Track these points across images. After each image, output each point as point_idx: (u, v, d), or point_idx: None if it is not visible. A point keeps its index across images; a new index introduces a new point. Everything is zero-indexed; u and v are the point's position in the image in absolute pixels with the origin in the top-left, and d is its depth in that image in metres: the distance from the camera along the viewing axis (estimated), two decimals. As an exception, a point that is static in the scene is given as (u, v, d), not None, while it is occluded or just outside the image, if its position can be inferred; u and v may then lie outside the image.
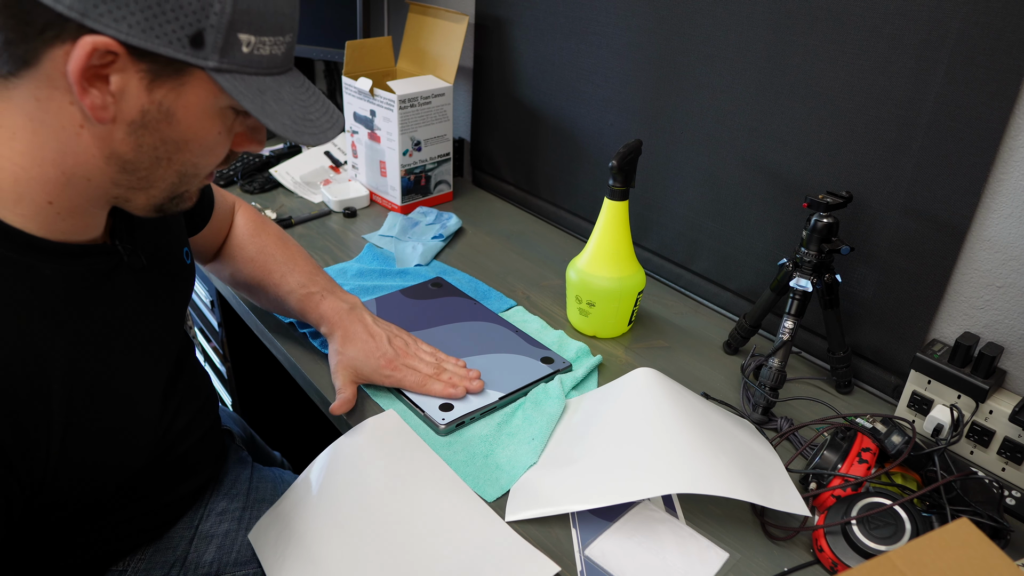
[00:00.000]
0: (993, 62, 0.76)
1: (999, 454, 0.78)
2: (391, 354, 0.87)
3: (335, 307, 0.90)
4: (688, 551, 0.70)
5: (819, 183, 0.95)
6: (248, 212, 1.00)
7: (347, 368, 0.85)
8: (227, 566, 0.82)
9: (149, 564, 0.78)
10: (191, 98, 0.56)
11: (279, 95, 0.59)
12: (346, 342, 0.87)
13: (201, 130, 0.59)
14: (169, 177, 0.61)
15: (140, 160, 0.58)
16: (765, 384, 0.88)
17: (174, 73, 0.54)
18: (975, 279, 0.84)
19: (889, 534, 0.67)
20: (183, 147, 0.59)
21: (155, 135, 0.57)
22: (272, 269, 0.94)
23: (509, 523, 0.72)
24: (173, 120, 0.57)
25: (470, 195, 1.49)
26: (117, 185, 0.60)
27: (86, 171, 0.58)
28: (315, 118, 0.62)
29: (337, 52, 1.55)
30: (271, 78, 0.59)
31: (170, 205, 0.64)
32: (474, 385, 0.87)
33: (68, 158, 0.56)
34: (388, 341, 0.88)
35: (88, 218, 0.62)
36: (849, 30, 0.87)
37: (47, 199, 0.58)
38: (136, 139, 0.56)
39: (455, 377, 0.87)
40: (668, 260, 1.21)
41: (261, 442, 1.12)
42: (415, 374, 0.86)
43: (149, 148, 0.58)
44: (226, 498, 0.87)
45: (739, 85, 1.00)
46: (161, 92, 0.55)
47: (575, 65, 1.24)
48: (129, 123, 0.55)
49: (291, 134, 0.59)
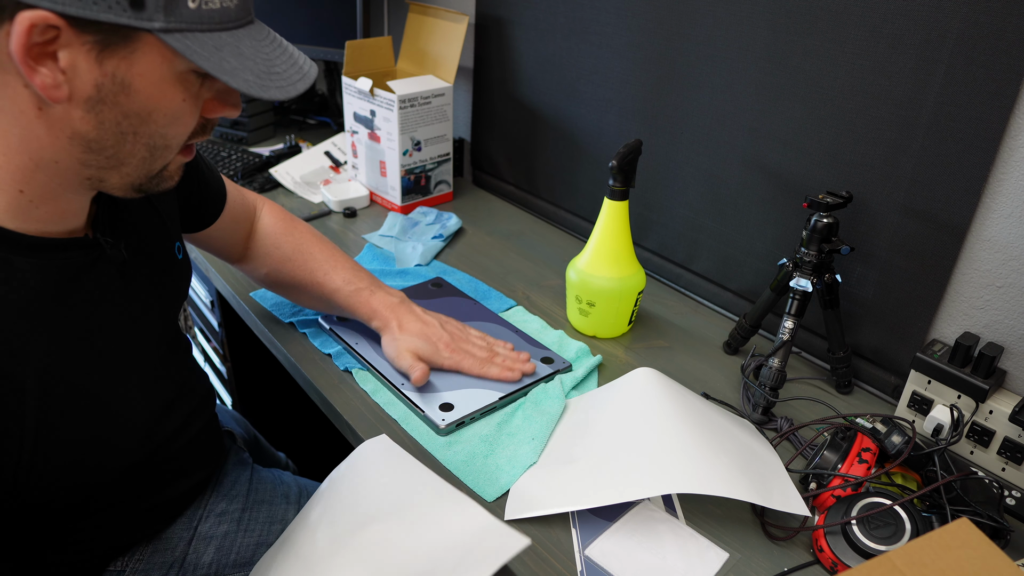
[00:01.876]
0: (993, 62, 0.76)
1: (999, 454, 0.78)
2: (447, 338, 0.90)
3: (386, 301, 0.92)
4: (688, 551, 0.70)
5: (819, 183, 0.95)
6: (276, 210, 1.00)
7: (409, 350, 0.88)
8: (226, 567, 0.82)
9: (147, 565, 0.78)
10: (145, 65, 0.54)
11: (238, 50, 0.57)
12: (403, 330, 0.90)
13: (162, 98, 0.56)
14: (139, 152, 0.59)
15: (104, 137, 0.56)
16: (765, 384, 0.89)
17: (122, 41, 0.52)
18: (975, 279, 0.84)
19: (889, 534, 0.67)
20: (147, 118, 0.57)
21: (115, 109, 0.55)
22: (314, 268, 0.94)
23: (508, 521, 0.72)
24: (130, 91, 0.54)
25: (470, 195, 1.49)
26: (86, 166, 0.58)
27: (52, 154, 0.56)
28: (281, 70, 0.59)
29: (337, 52, 1.55)
30: (227, 33, 0.56)
31: (150, 184, 0.62)
32: (528, 367, 0.90)
33: (32, 143, 0.55)
34: (441, 326, 0.92)
35: (64, 204, 0.61)
36: (849, 30, 0.87)
37: (18, 188, 0.57)
38: (96, 116, 0.55)
39: (508, 360, 0.91)
40: (668, 260, 1.21)
41: (265, 443, 1.12)
42: (472, 358, 0.90)
43: (111, 124, 0.56)
44: (225, 499, 0.86)
45: (739, 85, 1.00)
46: (112, 63, 0.53)
47: (575, 65, 1.24)
48: (86, 100, 0.54)
49: (256, 90, 0.57)
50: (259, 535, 0.85)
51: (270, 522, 0.86)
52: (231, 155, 1.53)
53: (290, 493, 0.91)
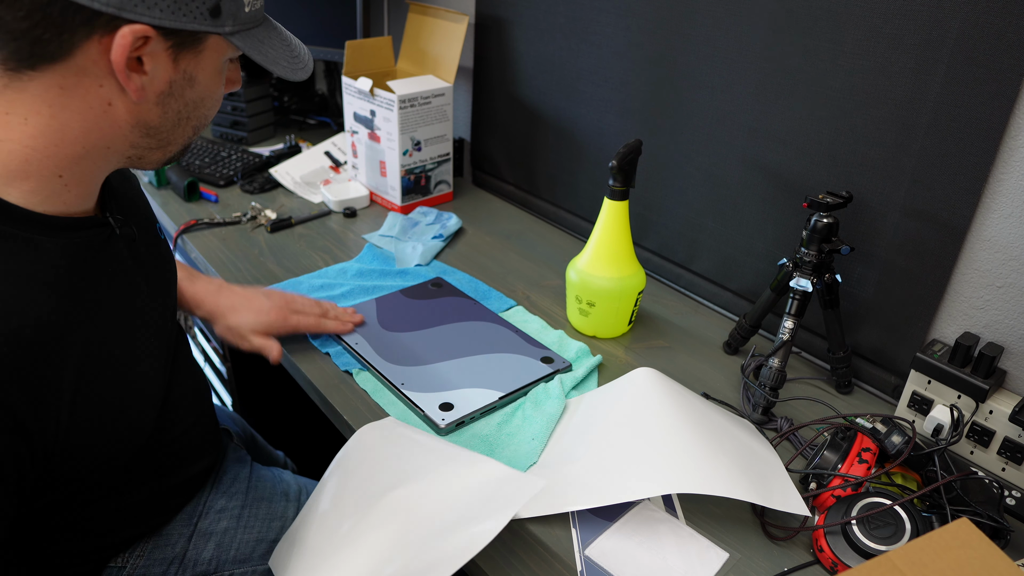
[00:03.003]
0: (993, 62, 0.76)
1: (999, 454, 0.78)
2: (277, 304, 0.94)
3: (205, 288, 0.94)
4: (688, 551, 0.70)
5: (819, 183, 0.95)
6: None
7: (250, 330, 0.91)
8: (226, 564, 0.82)
9: (148, 561, 0.78)
10: (207, 60, 0.62)
11: (271, 42, 0.66)
12: (233, 313, 0.92)
13: (213, 86, 0.64)
14: (187, 133, 0.66)
15: (164, 124, 0.63)
16: (765, 384, 0.88)
17: (194, 42, 0.59)
18: (975, 279, 0.84)
19: (889, 534, 0.67)
20: (200, 104, 0.64)
21: (179, 100, 0.62)
22: None
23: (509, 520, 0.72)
24: (195, 83, 0.62)
25: (470, 195, 1.49)
26: (135, 147, 0.63)
27: (108, 142, 0.61)
28: (299, 55, 0.69)
29: (337, 52, 1.55)
30: (260, 29, 0.65)
31: (177, 157, 0.69)
32: (357, 317, 0.98)
33: (92, 134, 0.60)
34: (266, 296, 0.94)
35: (92, 186, 0.65)
36: (849, 30, 0.87)
37: (58, 173, 0.60)
38: (162, 107, 0.61)
39: (342, 314, 0.97)
40: (668, 260, 1.21)
41: (262, 441, 1.12)
42: (308, 318, 0.94)
43: (174, 112, 0.62)
44: (224, 496, 0.87)
45: (739, 85, 1.00)
46: (185, 62, 0.60)
47: (575, 65, 1.24)
48: (158, 94, 0.60)
49: (289, 73, 0.66)
50: (258, 532, 0.85)
51: (269, 519, 0.87)
52: (231, 155, 1.53)
53: (289, 491, 0.91)
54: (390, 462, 0.76)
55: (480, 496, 0.68)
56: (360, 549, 0.67)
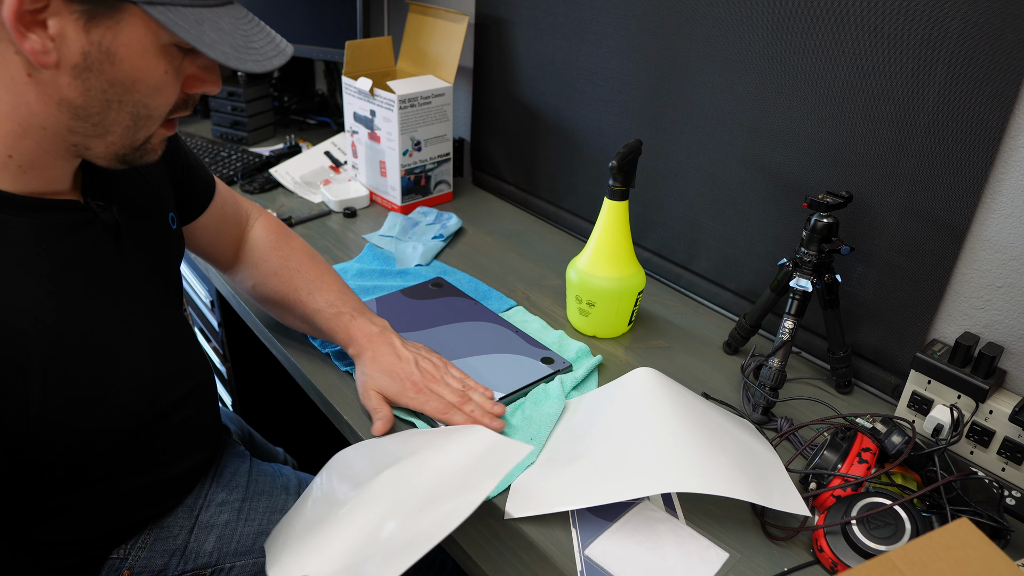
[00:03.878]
0: (993, 62, 0.76)
1: (999, 454, 0.78)
2: (417, 377, 0.84)
3: (365, 330, 0.87)
4: (688, 551, 0.70)
5: (819, 183, 0.95)
6: (270, 222, 0.99)
7: (376, 389, 0.84)
8: (227, 556, 0.83)
9: (150, 553, 0.79)
10: (130, 36, 0.57)
11: (218, 24, 0.60)
12: (374, 364, 0.85)
13: (146, 69, 0.60)
14: (123, 120, 0.62)
15: (90, 104, 0.59)
16: (765, 384, 0.88)
17: (108, 11, 0.55)
18: (975, 279, 0.84)
19: (889, 534, 0.67)
20: (131, 88, 0.60)
21: (100, 77, 0.58)
22: (299, 285, 0.92)
23: (508, 520, 0.72)
24: (116, 60, 0.58)
25: (470, 195, 1.49)
26: (73, 132, 0.61)
27: (40, 120, 0.59)
28: (259, 46, 0.63)
29: (337, 52, 1.55)
30: (208, 9, 0.60)
31: (134, 155, 0.65)
32: (495, 424, 0.81)
33: (21, 108, 0.58)
34: (415, 364, 0.85)
35: (51, 171, 0.64)
36: (849, 30, 0.87)
37: (6, 152, 0.60)
38: (83, 83, 0.58)
39: (478, 411, 0.82)
40: (668, 260, 1.21)
41: (261, 439, 1.12)
42: (439, 400, 0.82)
43: (97, 91, 0.59)
44: (225, 489, 0.87)
45: (739, 85, 1.00)
46: (99, 32, 0.56)
47: (575, 65, 1.24)
48: (73, 67, 0.57)
49: (233, 62, 0.60)
50: (259, 525, 0.86)
51: (270, 512, 0.87)
52: (231, 155, 1.53)
53: (289, 485, 0.92)
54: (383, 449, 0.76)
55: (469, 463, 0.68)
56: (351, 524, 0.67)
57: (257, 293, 0.97)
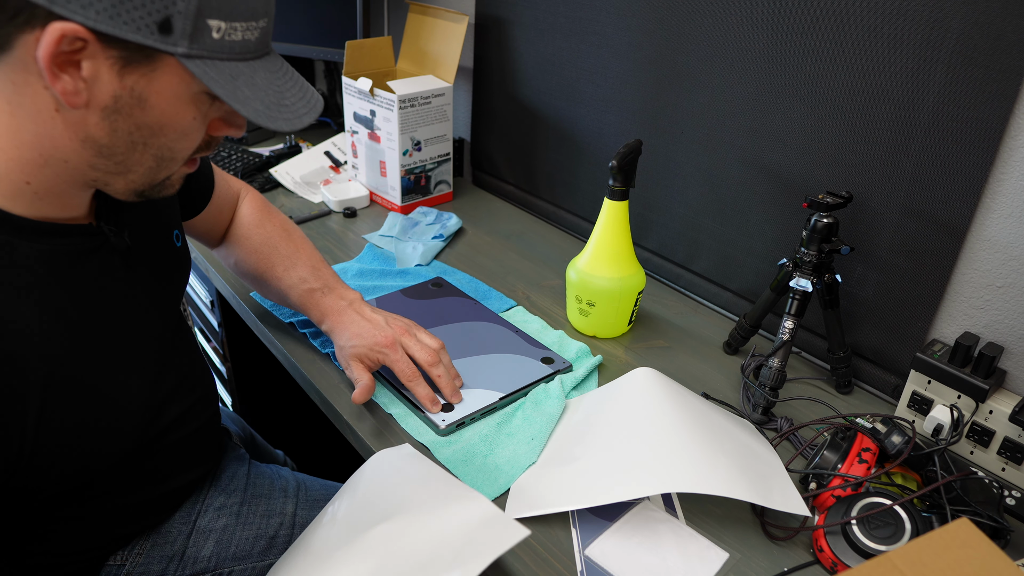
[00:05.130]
0: (993, 62, 0.76)
1: (999, 454, 0.78)
2: (389, 333, 0.85)
3: (334, 304, 0.90)
4: (688, 551, 0.70)
5: (819, 183, 0.95)
6: (255, 200, 1.00)
7: (353, 356, 0.85)
8: (225, 561, 0.82)
9: (147, 559, 0.79)
10: (163, 84, 0.56)
11: (252, 80, 0.59)
12: (345, 333, 0.87)
13: (175, 115, 0.59)
14: (146, 162, 0.61)
15: (116, 144, 0.58)
16: (765, 384, 0.88)
17: (145, 59, 0.54)
18: (975, 279, 0.84)
19: (889, 534, 0.67)
20: (158, 132, 0.59)
21: (129, 120, 0.57)
22: (275, 262, 0.94)
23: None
24: (146, 105, 0.57)
25: (470, 195, 1.49)
26: (95, 169, 0.60)
27: (63, 154, 0.58)
28: (290, 103, 0.62)
29: (337, 52, 1.55)
30: (244, 63, 0.59)
31: (151, 191, 0.65)
32: (455, 398, 0.85)
33: (45, 141, 0.57)
34: (386, 323, 0.87)
35: (68, 199, 0.63)
36: (849, 30, 0.87)
37: (25, 179, 0.59)
38: (110, 124, 0.57)
39: (444, 377, 0.85)
40: (668, 260, 1.21)
41: (262, 441, 1.12)
42: (406, 363, 0.84)
43: (124, 133, 0.58)
44: (223, 494, 0.87)
45: (739, 85, 1.00)
46: (133, 78, 0.55)
47: (575, 65, 1.24)
48: (102, 108, 0.56)
49: (264, 120, 0.59)
50: (258, 528, 0.85)
51: (268, 515, 0.87)
52: (231, 155, 1.53)
53: (288, 487, 0.91)
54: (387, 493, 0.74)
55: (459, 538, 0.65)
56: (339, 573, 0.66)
57: (239, 269, 0.98)
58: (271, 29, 0.62)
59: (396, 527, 0.68)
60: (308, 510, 0.90)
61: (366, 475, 0.78)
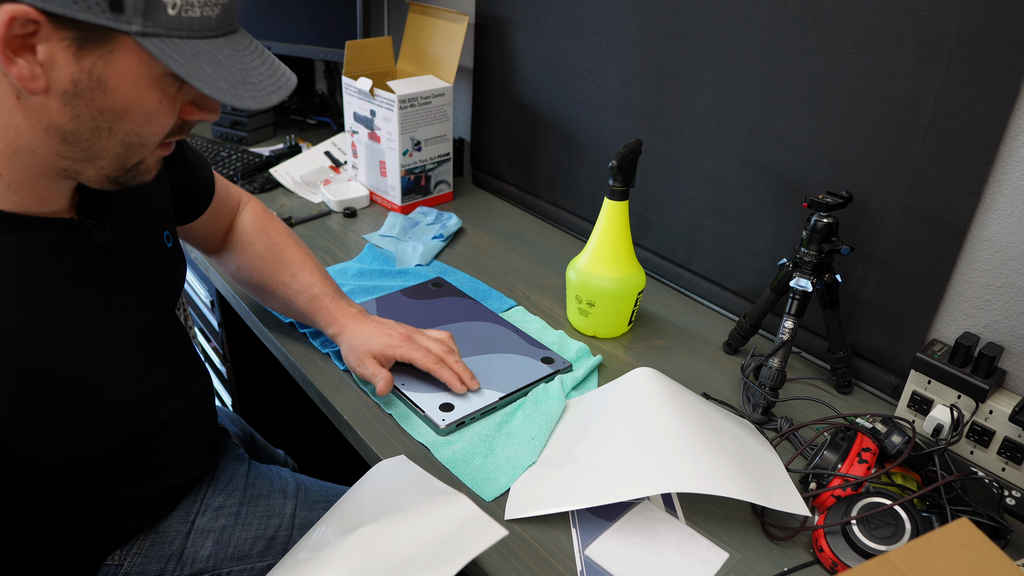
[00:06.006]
0: (993, 62, 0.76)
1: (999, 454, 0.78)
2: (401, 331, 0.89)
3: (344, 310, 0.92)
4: (688, 551, 0.70)
5: (819, 183, 0.95)
6: (256, 208, 1.00)
7: (367, 353, 0.86)
8: (224, 561, 0.82)
9: (145, 558, 0.79)
10: (121, 65, 0.55)
11: (215, 58, 0.58)
12: (357, 334, 0.88)
13: (138, 98, 0.58)
14: (113, 147, 0.60)
15: (80, 131, 0.57)
16: (765, 384, 0.88)
17: (100, 40, 0.53)
18: (975, 279, 0.84)
19: (889, 534, 0.67)
20: (122, 116, 0.58)
21: (90, 104, 0.56)
22: (281, 268, 0.94)
23: (508, 520, 0.72)
24: (106, 88, 0.56)
25: (470, 195, 1.49)
26: (62, 157, 0.59)
27: (29, 143, 0.58)
28: (257, 81, 0.60)
29: (337, 52, 1.55)
30: (206, 41, 0.57)
31: (125, 177, 0.64)
32: (472, 384, 0.88)
33: (10, 130, 0.57)
34: (394, 325, 0.90)
35: (44, 191, 0.62)
36: (849, 30, 0.87)
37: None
38: (72, 109, 0.56)
39: (460, 364, 0.88)
40: (668, 260, 1.21)
41: (262, 441, 1.12)
42: (425, 352, 0.87)
43: (87, 118, 0.57)
44: (222, 494, 0.87)
45: (739, 85, 1.00)
46: (90, 60, 0.54)
47: (575, 65, 1.24)
48: (62, 93, 0.55)
49: (228, 98, 0.57)
50: (256, 529, 0.85)
51: (267, 516, 0.87)
52: (231, 155, 1.53)
53: (287, 488, 0.91)
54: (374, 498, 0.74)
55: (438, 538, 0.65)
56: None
57: (241, 276, 0.98)
58: (235, 6, 0.60)
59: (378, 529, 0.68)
60: (307, 511, 0.90)
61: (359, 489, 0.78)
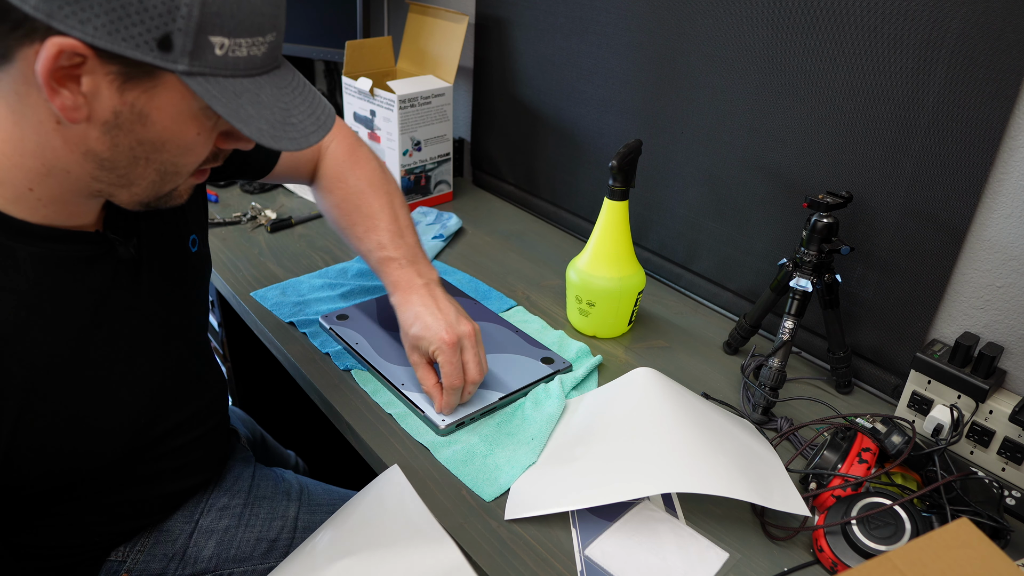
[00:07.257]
0: (993, 62, 0.76)
1: (999, 454, 0.78)
2: (453, 334, 0.81)
3: (409, 280, 0.86)
4: (688, 551, 0.70)
5: (819, 183, 0.95)
6: (338, 149, 0.96)
7: (412, 348, 0.84)
8: (226, 562, 0.82)
9: (148, 556, 0.79)
10: (164, 100, 0.55)
11: (257, 97, 0.57)
12: (409, 312, 0.84)
13: (177, 132, 0.58)
14: (149, 175, 0.60)
15: (117, 159, 0.58)
16: (765, 384, 0.88)
17: (145, 76, 0.53)
18: (975, 279, 0.84)
19: (889, 534, 0.67)
20: (160, 147, 0.58)
21: (130, 135, 0.56)
22: (356, 220, 0.91)
23: (508, 520, 0.72)
24: (147, 121, 0.56)
25: (470, 195, 1.49)
26: (97, 180, 0.59)
27: (65, 164, 0.58)
28: (296, 121, 0.60)
29: (337, 52, 1.55)
30: (250, 80, 0.57)
31: (157, 203, 0.64)
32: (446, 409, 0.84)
33: (47, 152, 0.57)
34: (456, 320, 0.83)
35: (74, 207, 0.63)
36: (849, 30, 0.87)
37: (28, 186, 0.59)
38: (111, 139, 0.56)
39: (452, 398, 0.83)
40: (668, 260, 1.21)
41: (272, 442, 1.12)
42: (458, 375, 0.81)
43: (125, 148, 0.57)
44: (227, 495, 0.87)
45: (739, 85, 1.00)
46: (133, 94, 0.54)
47: (575, 65, 1.24)
48: (103, 123, 0.55)
49: (268, 140, 0.57)
50: (259, 531, 0.85)
51: (271, 518, 0.87)
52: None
53: (291, 490, 0.91)
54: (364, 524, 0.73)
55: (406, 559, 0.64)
56: None
57: (329, 218, 0.96)
58: (281, 43, 0.60)
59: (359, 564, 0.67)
60: (310, 514, 0.90)
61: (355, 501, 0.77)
